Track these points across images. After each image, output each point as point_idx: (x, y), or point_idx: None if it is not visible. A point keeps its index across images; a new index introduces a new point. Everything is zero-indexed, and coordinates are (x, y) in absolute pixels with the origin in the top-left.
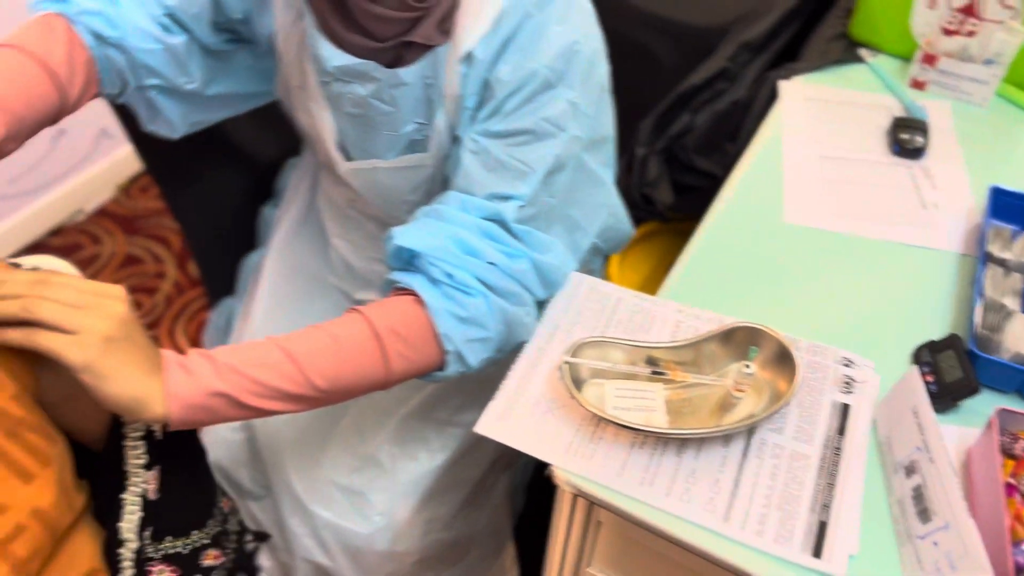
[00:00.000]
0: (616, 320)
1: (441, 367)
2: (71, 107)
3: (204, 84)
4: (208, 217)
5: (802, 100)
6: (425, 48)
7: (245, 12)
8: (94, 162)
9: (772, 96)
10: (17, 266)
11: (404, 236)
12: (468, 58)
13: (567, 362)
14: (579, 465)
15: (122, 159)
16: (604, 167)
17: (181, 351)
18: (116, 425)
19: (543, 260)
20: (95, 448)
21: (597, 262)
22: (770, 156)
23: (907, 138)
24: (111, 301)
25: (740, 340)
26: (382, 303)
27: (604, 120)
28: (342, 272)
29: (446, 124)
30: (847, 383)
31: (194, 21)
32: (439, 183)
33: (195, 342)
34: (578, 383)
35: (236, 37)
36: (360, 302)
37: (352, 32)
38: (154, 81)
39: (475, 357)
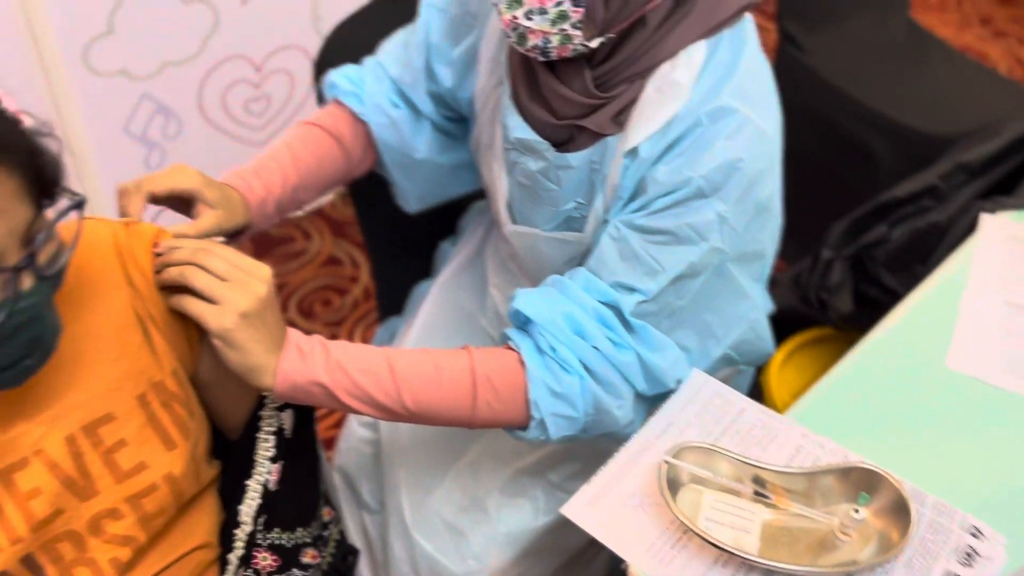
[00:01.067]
0: (734, 430)
1: (524, 427)
2: (359, 167)
3: (432, 153)
4: (393, 241)
5: (1003, 238)
6: (597, 135)
7: (454, 80)
8: None
9: (972, 226)
10: None
11: (524, 301)
12: (633, 152)
13: (667, 462)
14: (655, 569)
15: None
16: (753, 281)
17: None
18: (255, 417)
19: (650, 358)
20: (231, 437)
21: (734, 372)
22: (950, 290)
23: None
24: (256, 281)
25: (858, 480)
26: (491, 351)
27: (760, 237)
28: (492, 318)
29: (603, 208)
30: (968, 554)
31: (412, 91)
32: None
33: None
34: (676, 485)
35: (455, 114)
36: None
37: (535, 104)
38: (390, 155)
39: (557, 431)
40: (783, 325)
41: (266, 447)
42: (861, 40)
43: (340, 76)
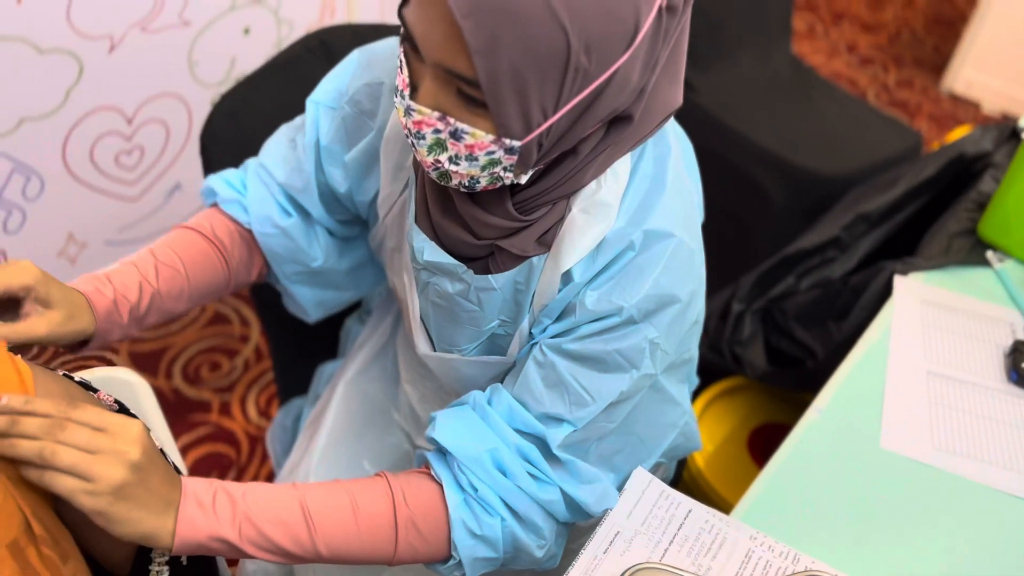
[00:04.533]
0: (682, 535)
1: (443, 562)
2: (235, 280)
3: (331, 261)
4: (291, 321)
5: (918, 302)
6: (520, 257)
7: (348, 184)
8: None
9: (888, 287)
10: (85, 384)
11: (444, 431)
12: (566, 275)
13: None
14: None
15: None
16: (680, 384)
17: (248, 419)
18: (144, 548)
19: (576, 493)
20: (117, 572)
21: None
22: (874, 364)
23: None
24: (126, 445)
25: None
26: (412, 483)
27: (690, 346)
28: (407, 414)
29: (528, 327)
30: None
31: (303, 197)
32: None
33: (264, 411)
34: None
35: (350, 216)
36: (419, 447)
37: (449, 222)
38: (284, 267)
39: (474, 572)
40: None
41: None
42: (748, 78)
43: (219, 182)
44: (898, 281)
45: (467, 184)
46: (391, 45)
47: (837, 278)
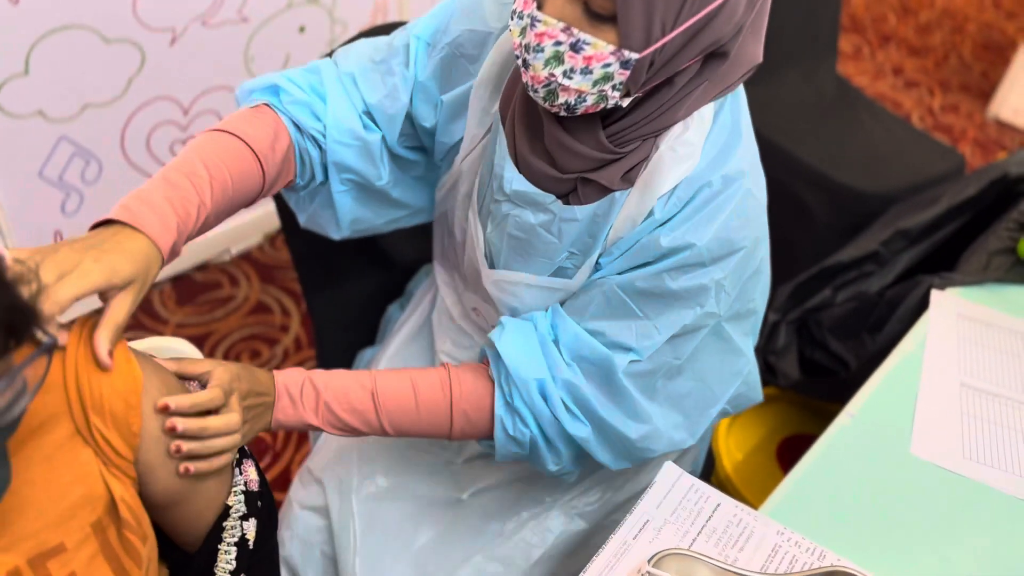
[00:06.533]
0: (710, 527)
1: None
2: (267, 191)
3: (390, 184)
4: (336, 305)
5: (954, 316)
6: (605, 190)
7: (434, 121)
8: (250, 208)
9: (924, 301)
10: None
11: (506, 345)
12: (650, 213)
13: (649, 573)
14: None
15: (274, 210)
16: (745, 337)
17: None
18: (215, 529)
19: (621, 427)
20: (189, 550)
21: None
22: (907, 372)
23: None
24: (236, 412)
25: None
26: (472, 383)
27: (753, 296)
28: None
29: (596, 259)
30: None
31: (388, 122)
32: None
33: None
34: None
35: (418, 146)
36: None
37: (536, 156)
38: (346, 176)
39: (503, 458)
40: None
41: (227, 559)
42: (793, 96)
43: (286, 80)
44: (935, 295)
45: (572, 103)
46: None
47: (874, 292)
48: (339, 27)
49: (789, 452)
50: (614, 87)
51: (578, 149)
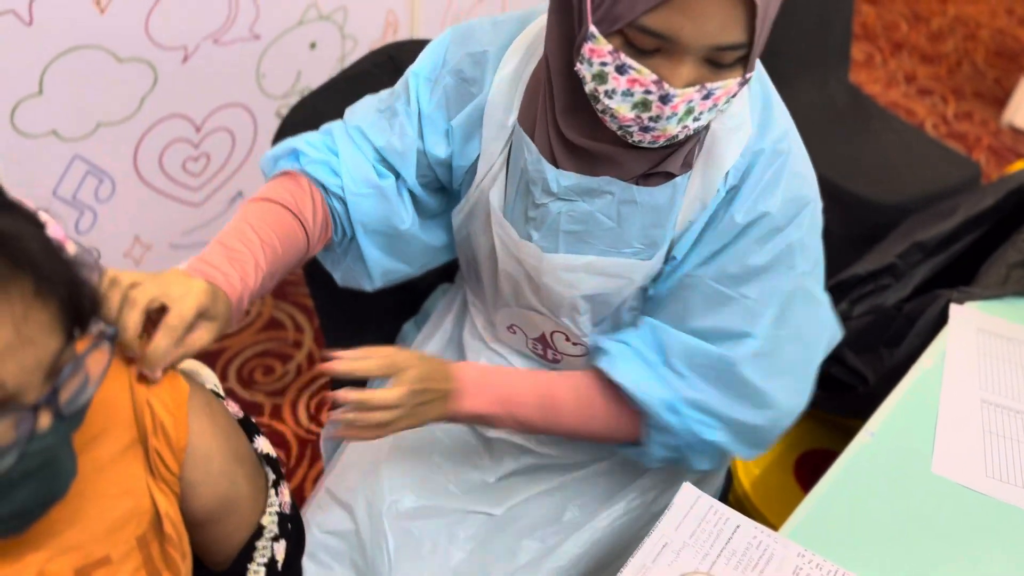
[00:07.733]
0: (729, 550)
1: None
2: (312, 249)
3: (416, 227)
4: (350, 321)
5: (974, 330)
6: (666, 177)
7: (450, 150)
8: None
9: (943, 315)
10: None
11: (626, 377)
12: (717, 193)
13: None
14: None
15: None
16: (819, 285)
17: (299, 422)
18: (247, 548)
19: (751, 419)
20: (217, 569)
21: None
22: (927, 389)
23: None
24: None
25: None
26: (618, 412)
27: (818, 245)
28: None
29: (668, 251)
30: None
31: (401, 160)
32: (624, 312)
33: (314, 416)
34: None
35: (439, 187)
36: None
37: (594, 155)
38: (370, 227)
39: (650, 463)
40: None
41: None
42: (805, 105)
43: (303, 144)
44: (954, 309)
45: (681, 135)
46: (483, 23)
47: (891, 305)
48: (350, 43)
49: (807, 467)
50: (695, 119)
51: (641, 155)
